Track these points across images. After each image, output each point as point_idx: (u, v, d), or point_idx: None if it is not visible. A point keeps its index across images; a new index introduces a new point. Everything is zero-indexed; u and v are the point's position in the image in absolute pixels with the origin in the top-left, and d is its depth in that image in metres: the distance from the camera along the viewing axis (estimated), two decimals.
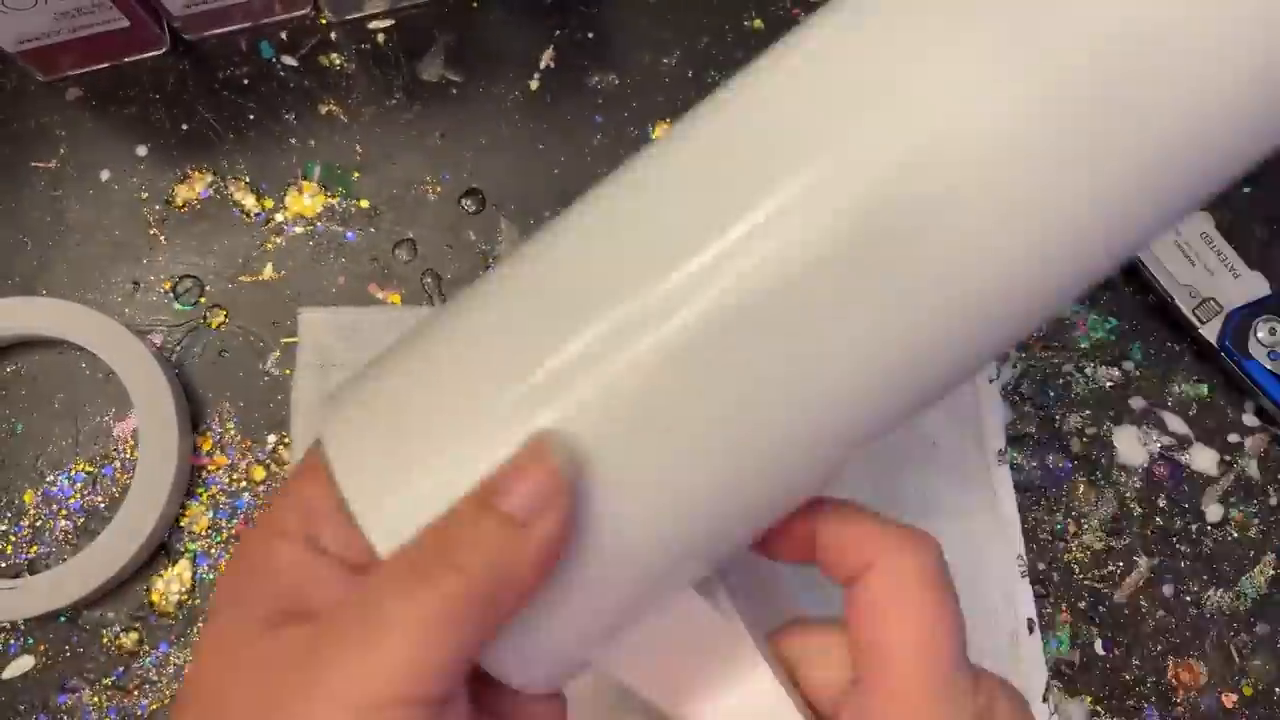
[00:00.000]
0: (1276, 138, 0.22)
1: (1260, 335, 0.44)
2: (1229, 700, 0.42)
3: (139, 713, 0.41)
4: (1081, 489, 0.44)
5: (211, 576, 0.42)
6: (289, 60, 0.47)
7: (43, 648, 0.41)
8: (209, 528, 0.42)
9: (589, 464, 0.23)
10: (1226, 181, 0.23)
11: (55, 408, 0.43)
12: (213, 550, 0.42)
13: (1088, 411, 0.44)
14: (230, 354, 0.44)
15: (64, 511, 0.43)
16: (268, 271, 0.45)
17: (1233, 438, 0.44)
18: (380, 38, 0.47)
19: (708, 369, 0.22)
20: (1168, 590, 0.43)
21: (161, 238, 0.45)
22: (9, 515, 0.43)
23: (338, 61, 0.47)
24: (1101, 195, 0.22)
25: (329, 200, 0.45)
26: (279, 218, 0.45)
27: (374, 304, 0.44)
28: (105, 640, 0.41)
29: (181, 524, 0.42)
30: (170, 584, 0.42)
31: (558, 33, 0.47)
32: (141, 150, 0.46)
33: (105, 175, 0.46)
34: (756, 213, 0.22)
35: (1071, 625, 0.42)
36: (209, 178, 0.46)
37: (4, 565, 0.42)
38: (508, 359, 0.23)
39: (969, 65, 0.21)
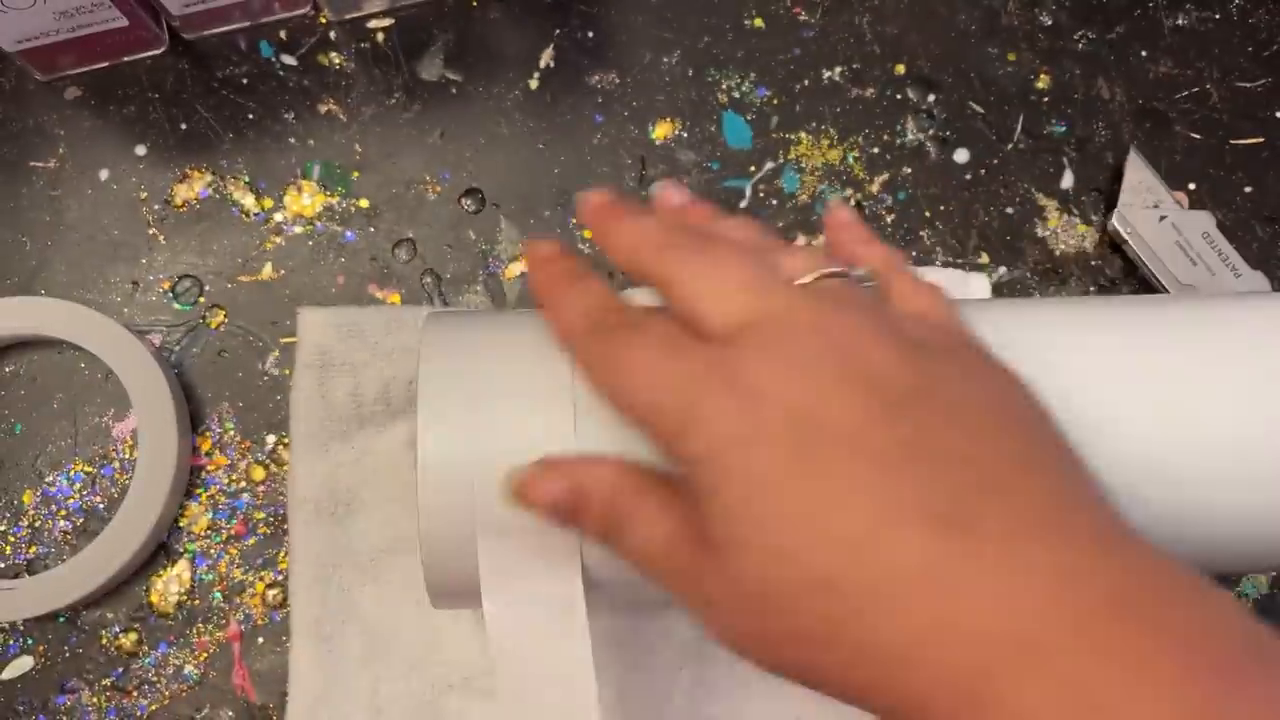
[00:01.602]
0: None
1: None
2: None
3: (138, 713, 0.41)
4: None
5: (210, 577, 0.42)
6: (288, 59, 0.47)
7: (42, 648, 0.41)
8: (208, 528, 0.42)
9: None
10: None
11: (54, 408, 0.43)
12: (212, 551, 0.42)
13: None
14: (229, 354, 0.44)
15: (63, 512, 0.42)
16: (267, 271, 0.45)
17: None
18: (380, 37, 0.47)
19: None
20: None
21: (160, 237, 0.45)
22: (8, 516, 0.42)
23: (337, 61, 0.47)
24: None
25: (328, 200, 0.45)
26: (278, 217, 0.45)
27: (374, 304, 0.44)
28: (104, 641, 0.41)
29: (180, 524, 0.42)
30: (169, 584, 0.42)
31: (558, 31, 0.47)
32: (140, 150, 0.46)
33: (104, 175, 0.45)
34: None
35: None
36: (208, 177, 0.46)
37: (3, 566, 0.42)
38: None
39: None
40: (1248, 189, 0.46)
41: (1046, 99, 0.47)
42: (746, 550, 0.24)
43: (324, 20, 0.47)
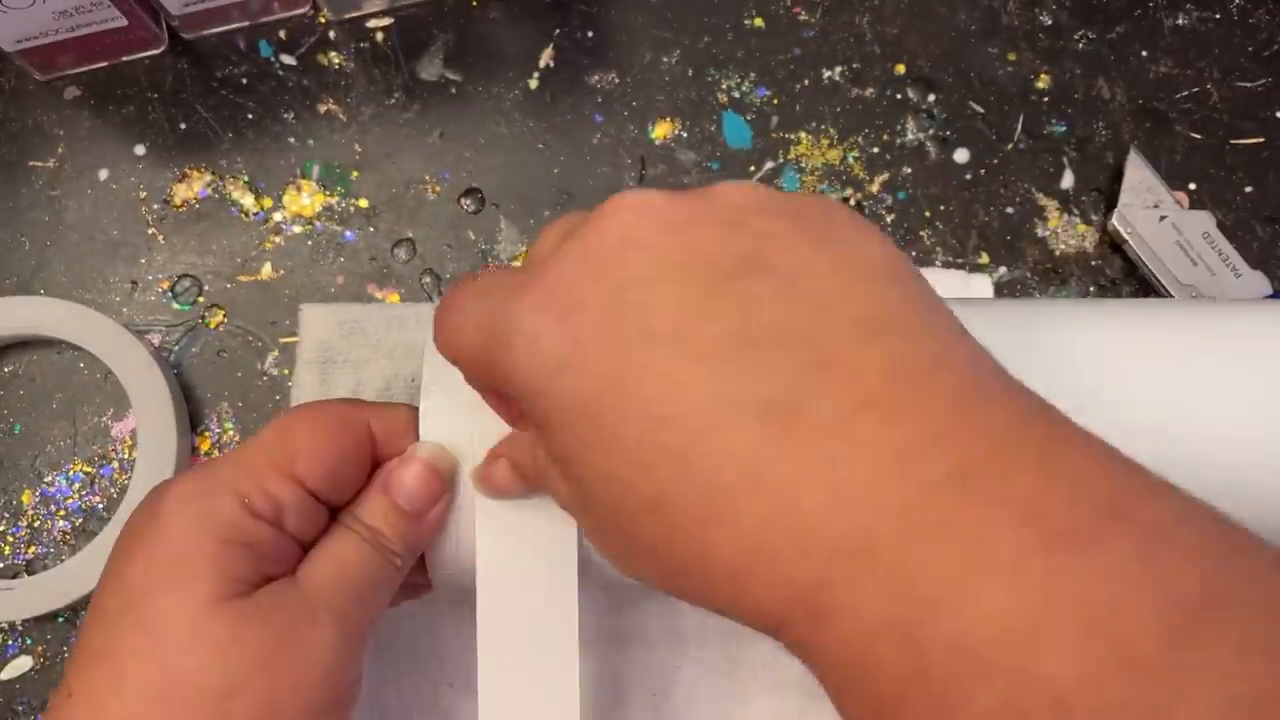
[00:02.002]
0: None
1: None
2: None
3: None
4: None
5: None
6: (287, 59, 0.47)
7: (41, 649, 0.41)
8: None
9: None
10: None
11: (53, 408, 0.43)
12: None
13: None
14: (229, 354, 0.44)
15: (62, 512, 0.42)
16: (266, 271, 0.45)
17: None
18: (379, 36, 0.47)
19: None
20: None
21: (160, 237, 0.45)
22: (7, 516, 0.42)
23: (336, 60, 0.47)
24: None
25: (328, 200, 0.45)
26: (277, 217, 0.45)
27: (374, 303, 0.44)
28: None
29: None
30: None
31: (557, 31, 0.47)
32: (140, 149, 0.46)
33: (103, 174, 0.45)
34: None
35: None
36: (207, 177, 0.45)
37: (2, 566, 0.42)
38: None
39: None
40: (1248, 189, 0.46)
41: (1046, 99, 0.47)
42: (583, 480, 0.23)
43: (323, 20, 0.47)
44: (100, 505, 0.42)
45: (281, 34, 0.47)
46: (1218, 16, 0.48)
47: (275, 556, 0.28)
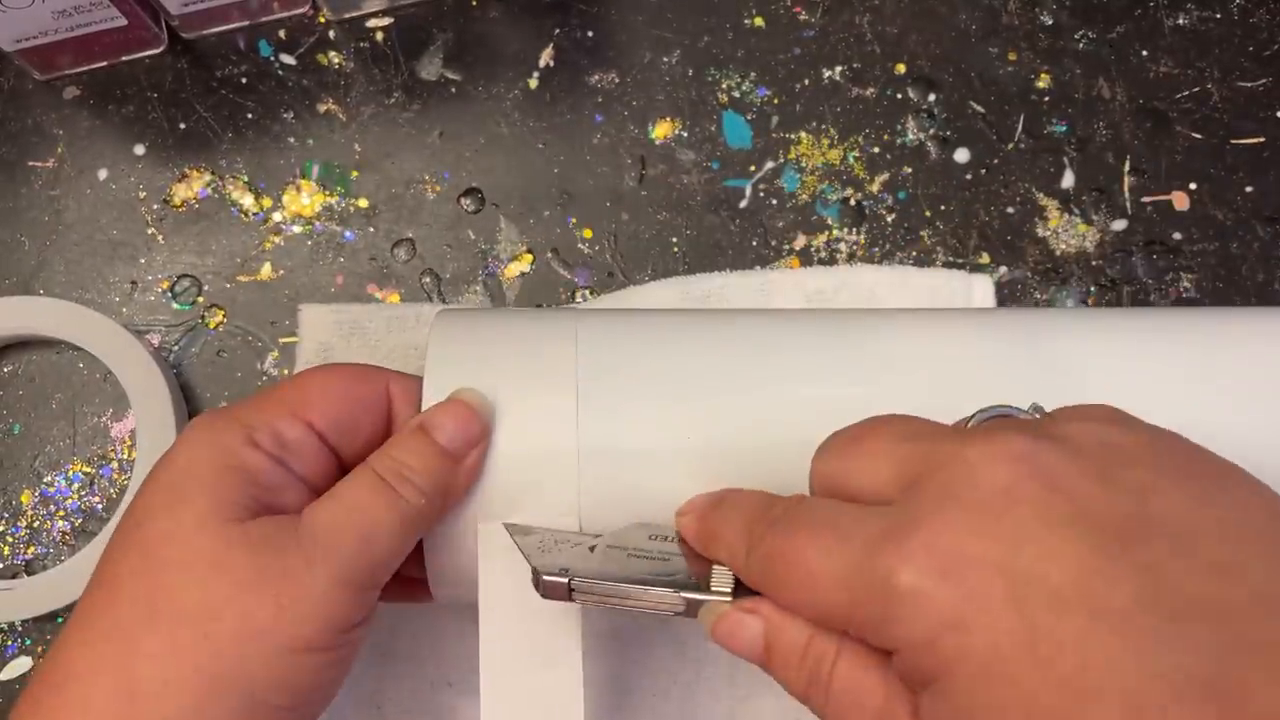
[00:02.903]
0: None
1: None
2: None
3: None
4: None
5: None
6: (287, 59, 0.47)
7: (40, 649, 0.41)
8: None
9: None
10: None
11: (53, 408, 0.43)
12: None
13: None
14: (228, 354, 0.44)
15: (61, 512, 0.42)
16: (266, 271, 0.45)
17: None
18: (379, 36, 0.47)
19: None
20: None
21: (159, 237, 0.45)
22: (6, 516, 0.42)
23: (336, 60, 0.47)
24: None
25: (327, 199, 0.45)
26: (277, 217, 0.45)
27: (374, 303, 0.44)
28: None
29: None
30: None
31: (557, 31, 0.47)
32: (139, 149, 0.46)
33: (103, 174, 0.45)
34: None
35: None
36: (207, 177, 0.45)
37: (1, 566, 0.42)
38: None
39: None
40: (1248, 189, 0.46)
41: (1047, 99, 0.47)
42: None
43: (323, 19, 0.47)
44: (100, 505, 0.42)
45: (281, 34, 0.47)
46: (1218, 16, 0.48)
47: (273, 487, 0.29)
